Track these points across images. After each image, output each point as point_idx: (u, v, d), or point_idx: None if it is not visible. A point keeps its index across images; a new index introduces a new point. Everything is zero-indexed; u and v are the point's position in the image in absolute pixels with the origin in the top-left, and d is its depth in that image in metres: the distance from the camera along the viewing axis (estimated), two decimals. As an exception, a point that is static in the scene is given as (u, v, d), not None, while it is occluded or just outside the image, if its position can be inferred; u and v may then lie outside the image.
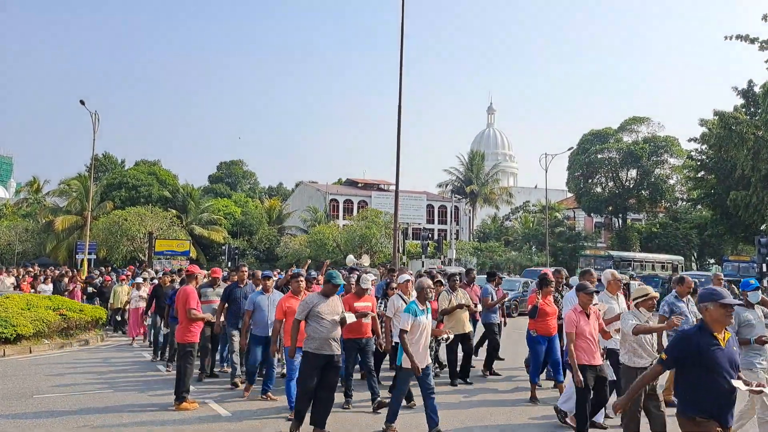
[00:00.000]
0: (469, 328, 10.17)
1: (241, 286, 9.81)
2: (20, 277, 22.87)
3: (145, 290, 14.52)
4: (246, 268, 10.71)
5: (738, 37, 29.74)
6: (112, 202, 50.92)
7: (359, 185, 74.27)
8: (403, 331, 6.58)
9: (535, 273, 19.86)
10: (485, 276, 12.00)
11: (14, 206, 63.98)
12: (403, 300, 8.05)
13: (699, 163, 41.63)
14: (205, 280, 12.09)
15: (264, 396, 8.43)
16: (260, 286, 9.55)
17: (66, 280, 20.55)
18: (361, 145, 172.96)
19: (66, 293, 18.81)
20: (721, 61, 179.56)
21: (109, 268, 29.16)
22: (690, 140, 40.53)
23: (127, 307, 15.59)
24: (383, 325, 8.51)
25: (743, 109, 35.76)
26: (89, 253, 35.59)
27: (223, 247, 47.28)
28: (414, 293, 7.55)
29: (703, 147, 40.07)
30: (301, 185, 77.10)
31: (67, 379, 10.15)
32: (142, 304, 14.15)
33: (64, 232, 47.51)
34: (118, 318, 17.12)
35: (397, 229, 27.10)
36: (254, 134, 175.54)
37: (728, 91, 60.78)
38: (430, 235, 46.71)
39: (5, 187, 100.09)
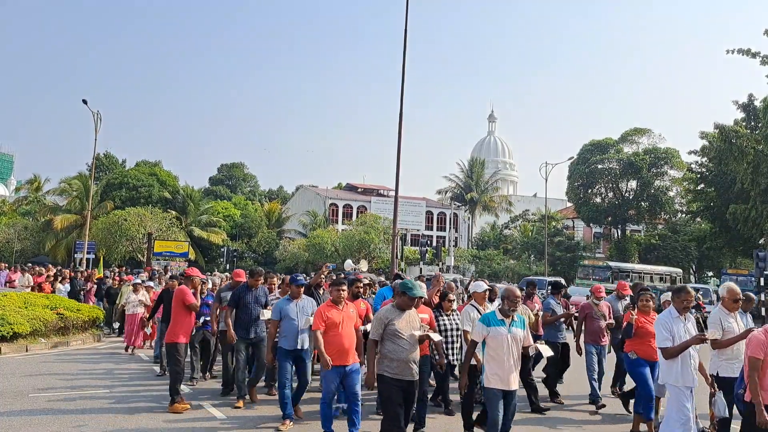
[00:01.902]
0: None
1: (253, 289, 8.55)
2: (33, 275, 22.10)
3: (144, 294, 13.54)
4: (276, 277, 9.83)
5: (740, 51, 29.86)
6: (112, 201, 50.99)
7: (359, 190, 74.37)
8: (472, 343, 5.86)
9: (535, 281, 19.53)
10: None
11: (14, 204, 63.99)
12: (478, 311, 7.48)
13: (699, 176, 41.76)
14: (226, 282, 11.97)
15: (294, 417, 7.50)
16: (269, 290, 8.98)
17: (83, 279, 20.35)
18: (361, 150, 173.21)
19: (82, 293, 18.68)
20: (723, 75, 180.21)
21: (125, 269, 28.46)
22: (690, 152, 40.73)
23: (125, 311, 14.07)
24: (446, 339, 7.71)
25: (744, 123, 35.90)
26: (88, 253, 35.62)
27: (222, 249, 47.36)
28: (490, 305, 7.20)
29: (703, 160, 40.23)
30: (301, 189, 77.20)
31: (62, 378, 10.15)
32: (141, 310, 13.22)
33: (63, 231, 47.57)
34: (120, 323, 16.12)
35: (396, 234, 27.14)
36: (255, 137, 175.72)
37: (729, 105, 60.97)
38: (428, 242, 46.79)
39: (5, 185, 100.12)
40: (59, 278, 19.63)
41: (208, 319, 9.58)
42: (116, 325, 16.87)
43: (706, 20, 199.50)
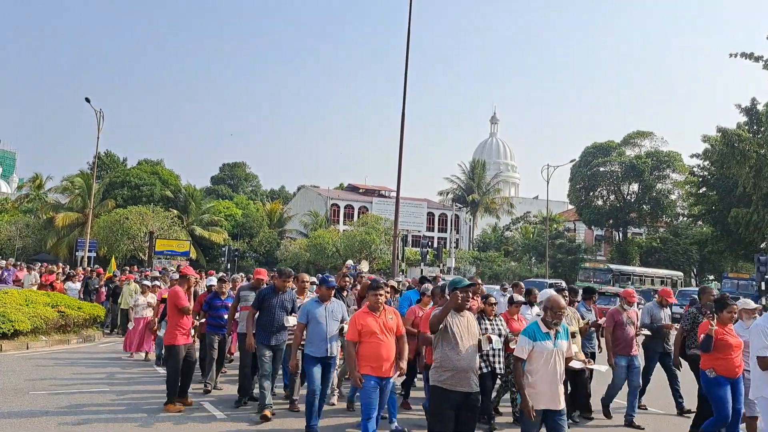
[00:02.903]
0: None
1: (280, 292, 7.82)
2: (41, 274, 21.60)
3: (152, 297, 12.47)
4: (307, 277, 8.92)
5: (743, 54, 29.89)
6: (113, 200, 51.04)
7: (360, 191, 74.41)
8: (517, 360, 5.14)
9: (534, 285, 19.36)
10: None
11: (16, 201, 64.04)
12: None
13: (701, 179, 41.74)
14: (245, 282, 11.79)
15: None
16: (293, 290, 8.27)
17: (96, 278, 20.28)
18: (363, 151, 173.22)
19: (94, 292, 18.64)
20: (726, 79, 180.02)
21: (134, 267, 27.66)
22: (692, 156, 40.71)
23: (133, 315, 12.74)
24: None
25: (746, 127, 35.87)
26: (89, 251, 35.66)
27: (224, 249, 47.40)
28: (529, 310, 6.84)
29: (706, 163, 40.21)
30: (303, 189, 77.26)
31: (63, 376, 10.17)
32: (149, 313, 12.22)
33: (64, 228, 47.63)
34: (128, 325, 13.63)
35: (397, 235, 27.14)
36: (257, 137, 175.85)
37: (732, 108, 60.95)
38: (429, 243, 46.81)
39: (8, 183, 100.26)
40: (72, 277, 19.63)
41: (223, 322, 9.15)
42: (118, 330, 16.05)
43: (710, 24, 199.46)
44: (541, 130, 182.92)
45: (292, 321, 7.51)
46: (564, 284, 11.29)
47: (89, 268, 25.29)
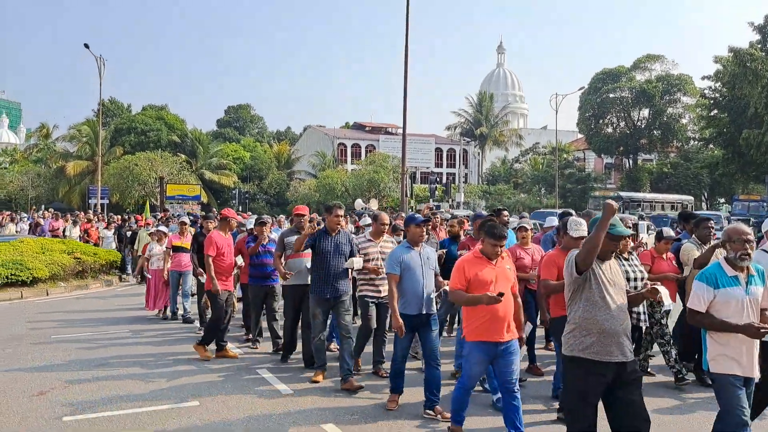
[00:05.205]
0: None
1: (333, 233, 6.57)
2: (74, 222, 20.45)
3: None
4: (387, 219, 7.13)
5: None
6: (121, 147, 51.24)
7: (367, 129, 73.81)
8: (693, 313, 4.03)
9: (543, 215, 19.33)
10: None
11: (25, 152, 64.35)
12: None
13: (712, 102, 41.02)
14: (286, 226, 10.85)
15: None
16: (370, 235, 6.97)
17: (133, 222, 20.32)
18: (368, 88, 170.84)
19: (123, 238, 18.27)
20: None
21: (168, 213, 24.93)
22: (703, 78, 39.92)
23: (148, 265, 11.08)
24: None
25: (759, 46, 34.92)
26: (102, 198, 36.08)
27: (234, 192, 47.71)
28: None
29: (717, 85, 39.45)
30: (309, 129, 76.74)
31: (84, 320, 10.54)
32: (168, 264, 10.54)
33: (75, 177, 48.18)
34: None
35: (404, 173, 27.16)
36: (261, 77, 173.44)
37: (744, 27, 59.08)
38: (438, 179, 46.70)
39: (16, 133, 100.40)
40: (109, 224, 19.78)
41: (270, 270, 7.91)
42: (136, 278, 15.16)
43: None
44: (549, 58, 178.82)
45: (358, 263, 6.47)
46: (573, 213, 10.10)
47: (118, 217, 25.07)
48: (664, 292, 4.02)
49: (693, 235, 6.84)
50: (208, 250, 7.64)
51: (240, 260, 8.48)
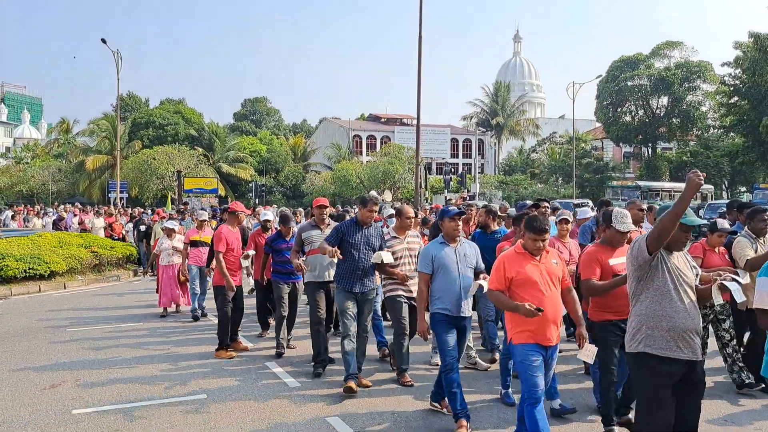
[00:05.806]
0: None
1: (364, 227, 6.18)
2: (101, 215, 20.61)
3: (180, 240, 10.47)
4: (412, 212, 6.62)
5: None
6: (140, 141, 51.90)
7: (382, 120, 73.73)
8: (763, 313, 3.69)
9: (561, 206, 19.04)
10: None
11: (46, 147, 65.31)
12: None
13: (732, 89, 40.29)
14: (304, 220, 10.13)
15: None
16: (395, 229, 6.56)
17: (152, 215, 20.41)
18: (383, 79, 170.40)
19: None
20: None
21: (187, 206, 25.52)
22: (723, 65, 39.24)
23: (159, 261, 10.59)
24: None
25: (780, 31, 34.21)
26: (121, 192, 36.57)
27: (250, 185, 47.98)
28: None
29: (737, 71, 38.73)
30: (325, 122, 76.88)
31: (100, 313, 10.72)
32: (177, 260, 10.27)
33: (95, 171, 48.89)
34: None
35: (419, 163, 27.10)
36: (277, 70, 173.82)
37: (765, 12, 57.84)
38: (452, 170, 46.51)
39: (37, 128, 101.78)
40: (134, 218, 19.87)
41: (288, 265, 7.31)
42: (148, 273, 14.62)
43: None
44: (566, 47, 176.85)
45: (387, 257, 5.98)
46: (590, 203, 9.79)
47: (139, 209, 25.37)
48: (733, 287, 3.64)
49: (745, 228, 6.21)
50: (217, 246, 7.49)
51: (251, 252, 8.27)
